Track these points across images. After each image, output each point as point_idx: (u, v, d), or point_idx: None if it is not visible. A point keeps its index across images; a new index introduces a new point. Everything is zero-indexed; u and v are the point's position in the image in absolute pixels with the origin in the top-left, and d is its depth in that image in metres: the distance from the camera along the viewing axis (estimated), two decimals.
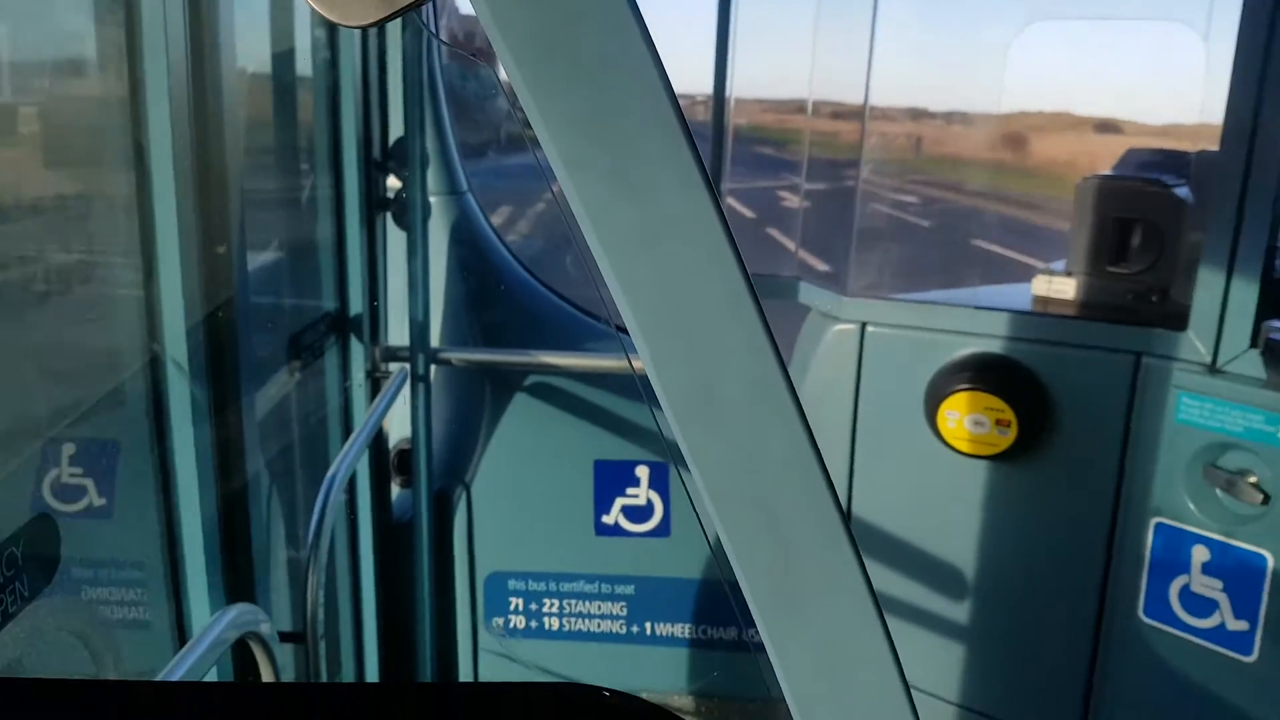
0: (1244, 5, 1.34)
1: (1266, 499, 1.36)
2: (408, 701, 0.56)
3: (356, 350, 2.26)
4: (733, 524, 0.47)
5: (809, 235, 2.06)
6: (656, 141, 0.43)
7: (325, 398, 2.33)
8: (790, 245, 2.02)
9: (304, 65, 2.18)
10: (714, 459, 0.45)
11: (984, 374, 1.55)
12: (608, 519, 2.51)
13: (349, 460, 1.90)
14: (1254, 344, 1.40)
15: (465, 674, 2.52)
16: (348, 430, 2.27)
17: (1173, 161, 1.66)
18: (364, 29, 0.54)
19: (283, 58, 2.08)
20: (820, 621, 0.51)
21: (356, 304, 2.22)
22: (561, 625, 2.47)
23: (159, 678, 1.14)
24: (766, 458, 0.46)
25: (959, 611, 1.69)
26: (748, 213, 8.87)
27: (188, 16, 1.39)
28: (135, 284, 1.42)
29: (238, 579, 1.59)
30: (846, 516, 0.54)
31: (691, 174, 0.43)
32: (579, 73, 0.42)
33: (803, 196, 2.02)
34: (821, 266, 1.93)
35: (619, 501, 2.51)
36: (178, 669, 1.09)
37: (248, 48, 1.58)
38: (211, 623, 1.18)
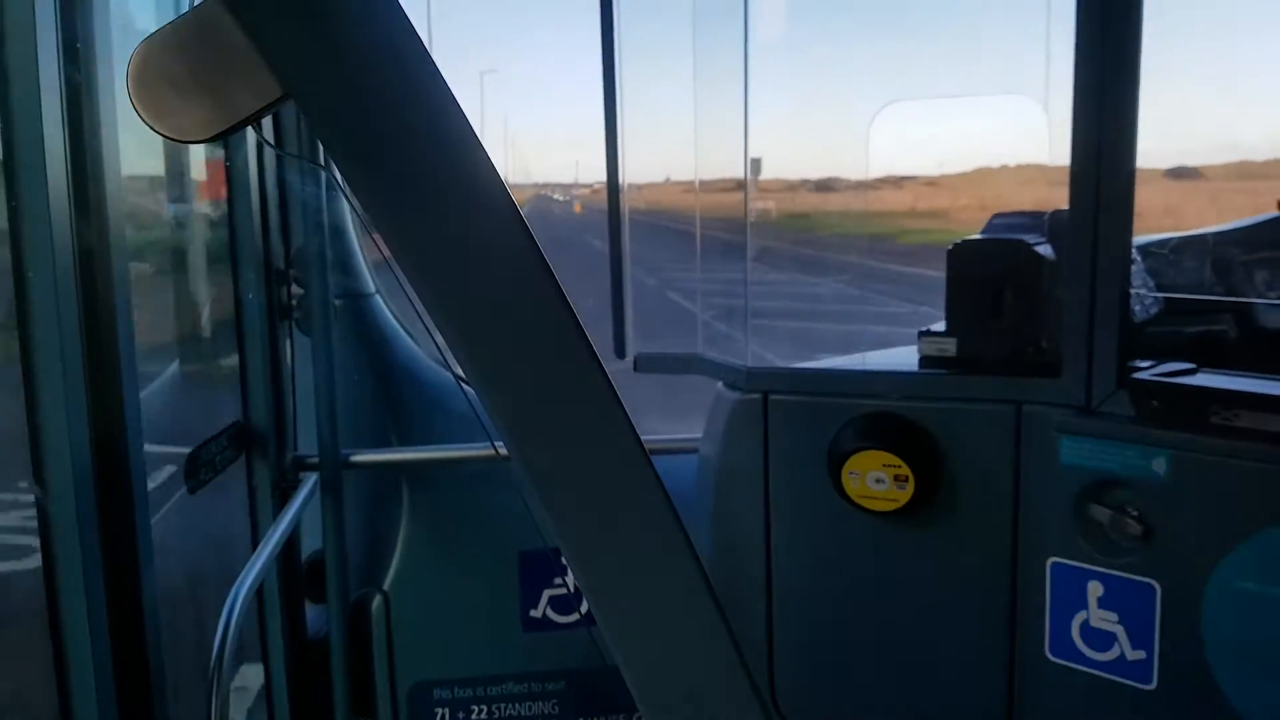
0: (1075, 79, 1.47)
1: (1148, 530, 1.43)
2: None
3: (262, 462, 2.20)
4: (572, 531, 0.48)
5: (710, 310, 2.12)
6: (481, 216, 0.47)
7: (232, 514, 2.26)
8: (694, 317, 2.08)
9: (198, 174, 2.18)
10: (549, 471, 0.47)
11: (879, 433, 1.61)
12: (535, 613, 2.45)
13: (254, 576, 1.84)
14: (1120, 384, 1.48)
15: None
16: (257, 546, 2.19)
17: (1033, 222, 1.78)
18: (200, 144, 0.56)
19: (175, 167, 2.07)
20: (664, 624, 0.53)
21: (260, 415, 2.18)
22: None
23: None
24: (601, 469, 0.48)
25: (878, 666, 1.70)
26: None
27: (67, 133, 1.38)
28: (11, 411, 1.38)
29: (135, 711, 1.51)
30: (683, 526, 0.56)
31: (515, 232, 0.46)
32: (403, 170, 0.45)
33: (699, 272, 2.09)
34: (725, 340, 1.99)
35: (546, 593, 2.46)
36: None
37: (133, 159, 1.59)
38: None
